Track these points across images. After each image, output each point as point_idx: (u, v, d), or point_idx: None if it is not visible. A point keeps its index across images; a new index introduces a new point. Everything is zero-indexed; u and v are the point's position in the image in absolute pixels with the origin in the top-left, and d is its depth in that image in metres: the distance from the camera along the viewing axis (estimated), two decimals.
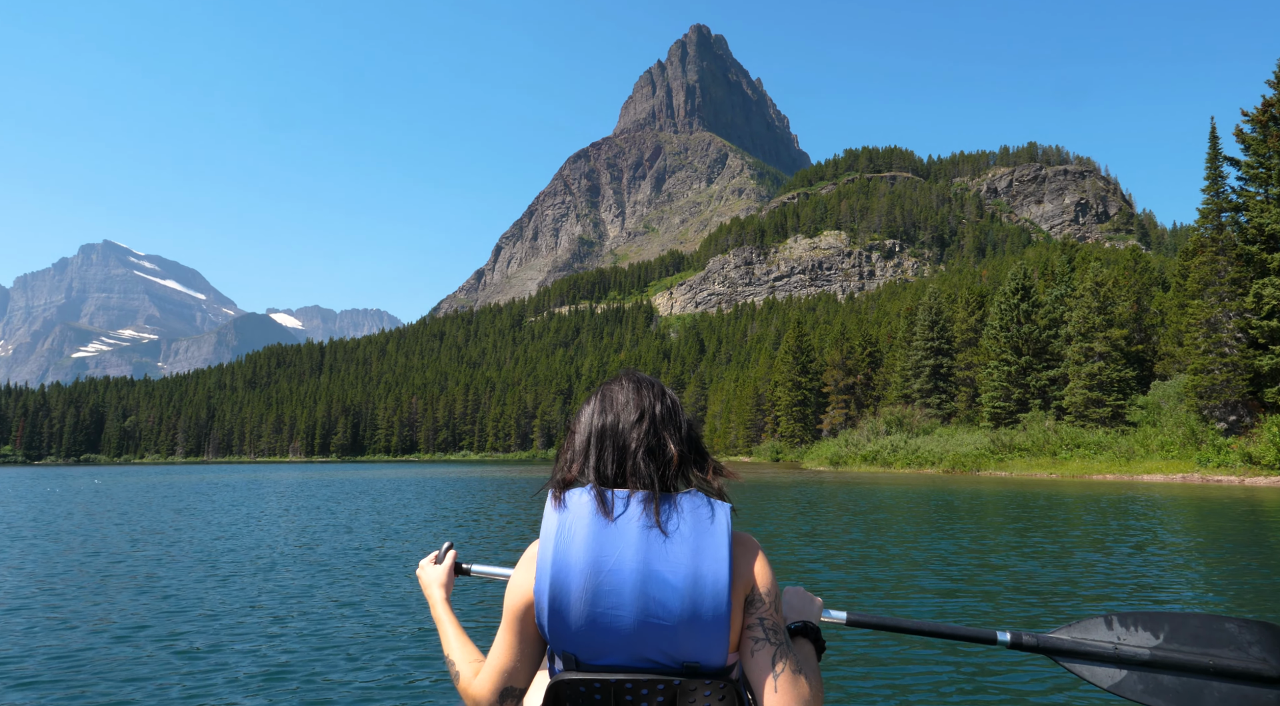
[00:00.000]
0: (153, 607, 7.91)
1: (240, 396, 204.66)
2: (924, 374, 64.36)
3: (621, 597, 1.54)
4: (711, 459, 1.76)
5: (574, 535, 1.58)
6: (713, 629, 1.54)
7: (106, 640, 6.59)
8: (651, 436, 1.69)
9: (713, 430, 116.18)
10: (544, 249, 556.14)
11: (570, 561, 1.55)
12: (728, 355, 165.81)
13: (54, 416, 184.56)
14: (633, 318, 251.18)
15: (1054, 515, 17.61)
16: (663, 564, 1.54)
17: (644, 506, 1.61)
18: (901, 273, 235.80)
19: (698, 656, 1.56)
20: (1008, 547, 11.93)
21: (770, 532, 14.59)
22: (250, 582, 9.38)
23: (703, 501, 1.64)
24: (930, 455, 49.38)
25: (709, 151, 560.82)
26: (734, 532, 1.62)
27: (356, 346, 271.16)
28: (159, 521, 18.23)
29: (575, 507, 1.62)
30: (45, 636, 6.75)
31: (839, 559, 10.87)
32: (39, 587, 9.21)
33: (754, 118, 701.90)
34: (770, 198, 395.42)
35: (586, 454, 1.72)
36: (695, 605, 1.53)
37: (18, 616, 7.58)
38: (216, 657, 6.02)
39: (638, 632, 1.55)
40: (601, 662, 1.58)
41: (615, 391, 1.79)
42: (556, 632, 1.58)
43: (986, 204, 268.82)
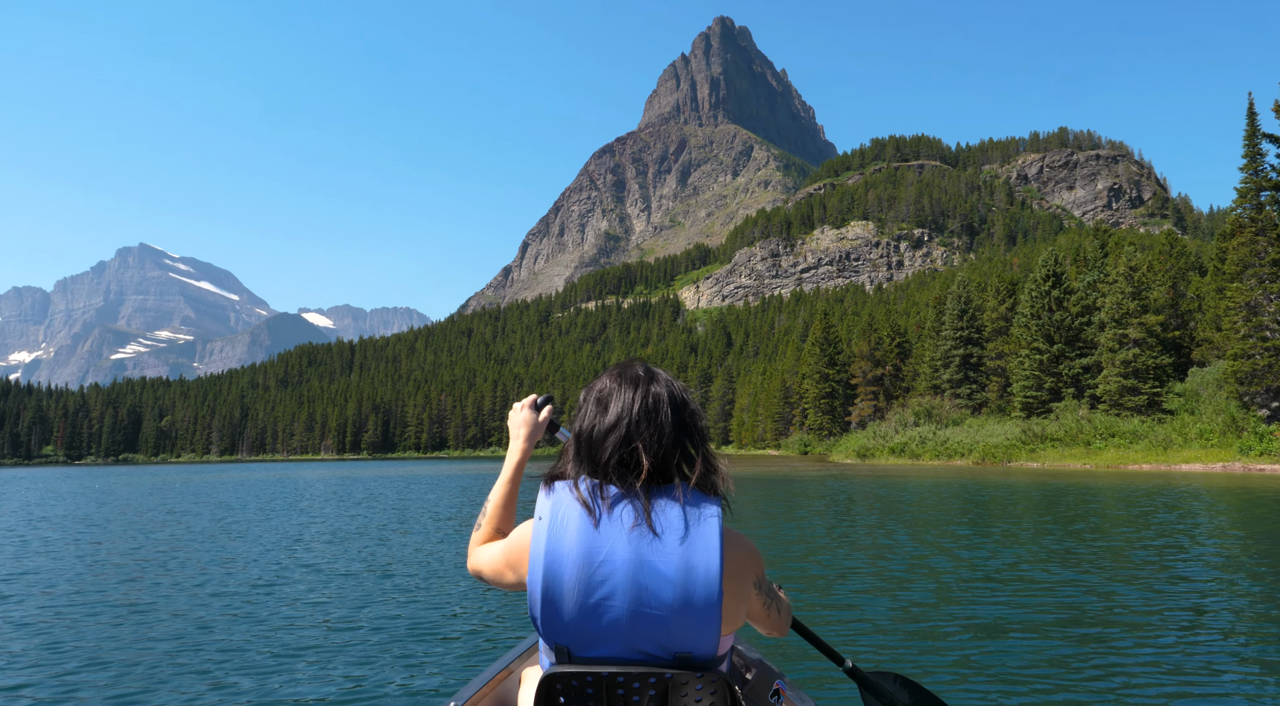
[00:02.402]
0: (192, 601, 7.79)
1: (273, 395, 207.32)
2: (953, 364, 63.33)
3: (614, 588, 1.55)
4: (706, 452, 1.75)
5: (566, 527, 1.59)
6: (705, 617, 1.55)
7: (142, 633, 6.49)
8: (625, 447, 1.68)
9: (740, 423, 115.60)
10: (570, 245, 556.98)
11: (563, 553, 1.57)
12: (755, 348, 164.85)
13: (93, 417, 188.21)
14: (659, 312, 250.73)
15: (1090, 508, 16.96)
16: (655, 554, 1.56)
17: (637, 499, 1.62)
18: (930, 262, 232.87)
19: (690, 646, 1.58)
20: (1043, 548, 10.92)
21: (785, 532, 14.22)
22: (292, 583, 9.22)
23: (695, 494, 1.65)
24: (960, 446, 48.55)
25: (734, 144, 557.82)
26: (725, 529, 1.64)
27: (386, 344, 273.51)
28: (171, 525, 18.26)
29: (568, 500, 1.63)
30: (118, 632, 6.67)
31: (855, 555, 10.37)
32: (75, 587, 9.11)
33: (779, 109, 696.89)
34: (796, 189, 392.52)
35: (590, 445, 1.72)
36: (687, 594, 1.54)
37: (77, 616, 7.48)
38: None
39: (631, 622, 1.56)
40: (594, 655, 1.60)
41: (615, 384, 1.78)
42: (549, 624, 1.59)
43: (1017, 191, 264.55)
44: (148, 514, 20.11)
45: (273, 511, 19.88)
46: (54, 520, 18.86)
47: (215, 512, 19.91)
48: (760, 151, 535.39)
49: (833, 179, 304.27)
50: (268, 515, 18.79)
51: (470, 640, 6.28)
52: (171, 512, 20.24)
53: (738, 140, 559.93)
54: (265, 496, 26.71)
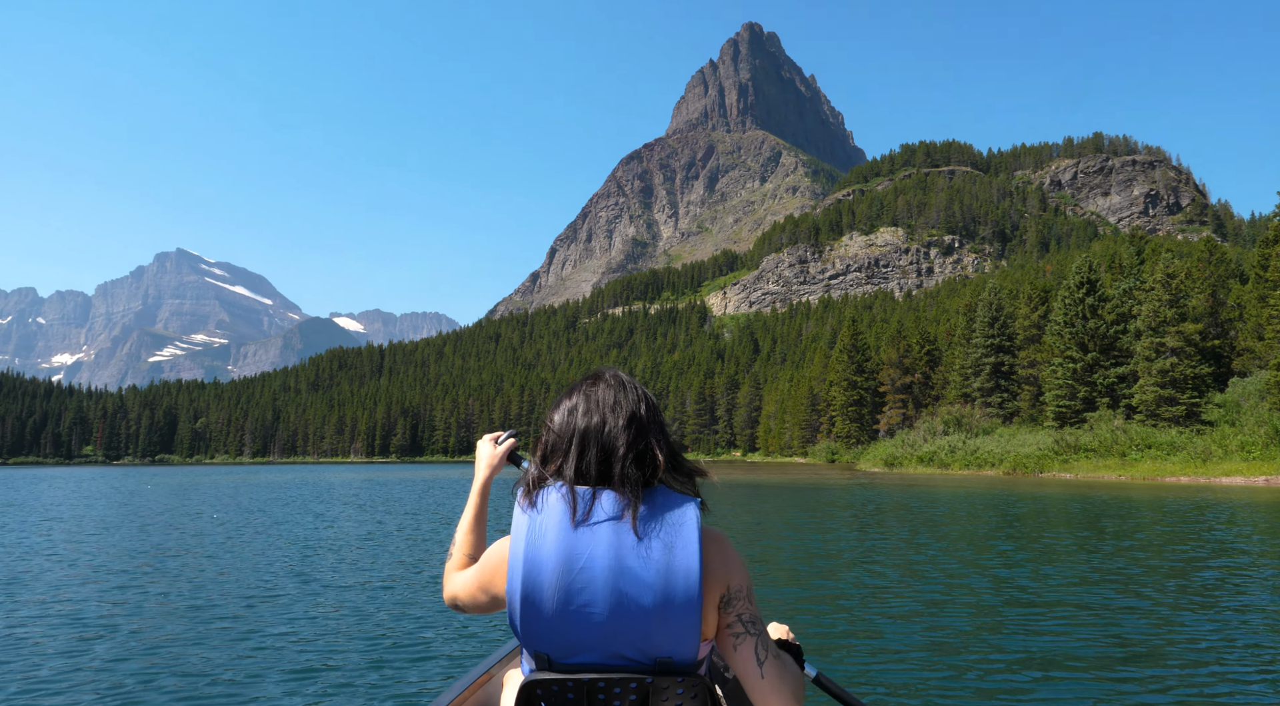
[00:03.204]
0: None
1: (304, 398, 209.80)
2: (984, 372, 62.49)
3: (594, 593, 1.54)
4: (682, 456, 1.76)
5: (545, 534, 1.58)
6: (685, 621, 1.55)
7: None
8: (640, 442, 1.69)
9: (767, 430, 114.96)
10: (598, 250, 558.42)
11: (542, 560, 1.56)
12: (782, 355, 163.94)
13: (131, 418, 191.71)
14: (686, 318, 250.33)
15: (1135, 521, 16.48)
16: (634, 559, 1.55)
17: (615, 503, 1.61)
18: (961, 269, 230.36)
19: (670, 650, 1.57)
20: (1090, 566, 10.13)
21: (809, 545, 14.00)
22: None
23: (672, 497, 1.65)
24: (990, 456, 47.84)
25: (762, 150, 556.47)
26: (704, 529, 1.63)
27: (415, 349, 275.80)
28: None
29: (546, 507, 1.62)
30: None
31: (885, 574, 10.03)
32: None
33: (808, 115, 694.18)
34: (825, 195, 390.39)
35: (566, 453, 1.71)
36: (667, 598, 1.54)
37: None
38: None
39: (611, 628, 1.55)
40: (574, 661, 1.59)
41: (599, 391, 1.77)
42: (529, 631, 1.58)
43: (1050, 197, 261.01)
44: (163, 516, 20.40)
45: (286, 515, 20.05)
46: (67, 520, 19.15)
47: (233, 515, 20.10)
48: (788, 157, 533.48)
49: (862, 185, 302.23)
50: (280, 519, 18.93)
51: (452, 643, 6.25)
52: (188, 515, 20.47)
53: (766, 146, 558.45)
54: (285, 500, 26.96)
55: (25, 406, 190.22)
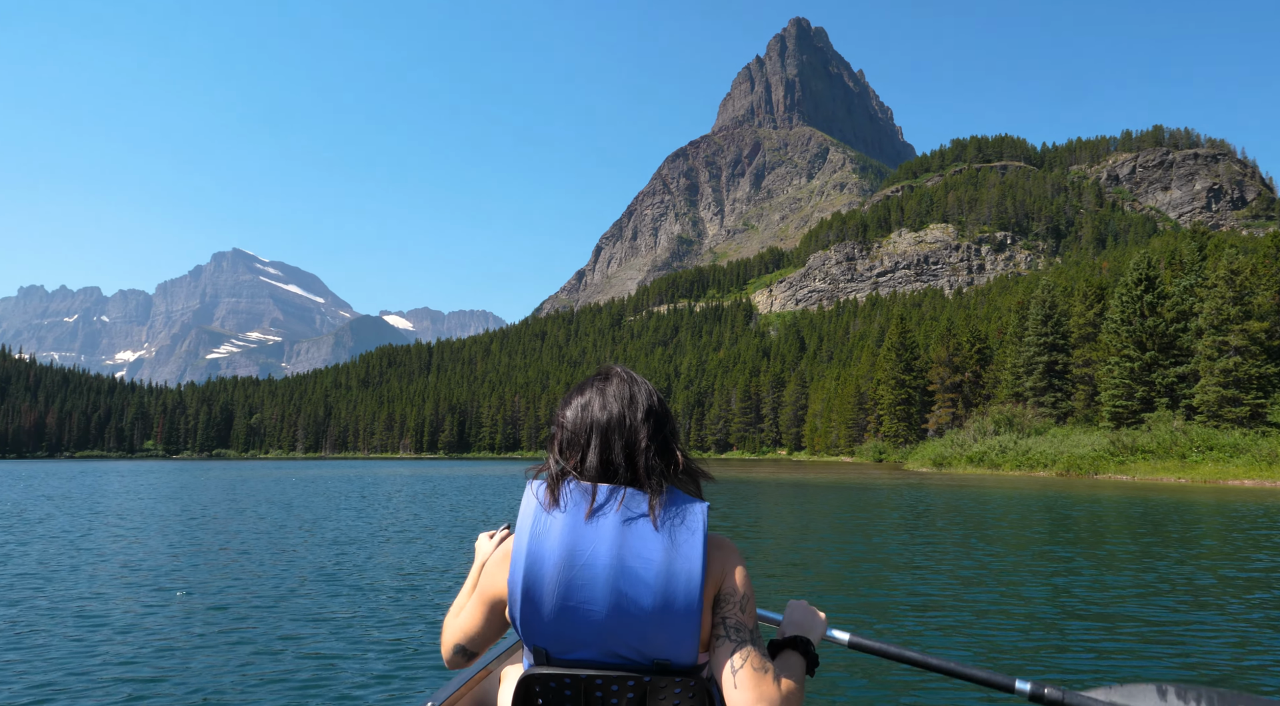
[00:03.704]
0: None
1: (355, 395, 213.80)
2: (1037, 371, 61.13)
3: (594, 591, 1.54)
4: (689, 457, 1.75)
5: (550, 529, 1.58)
6: (683, 625, 1.54)
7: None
8: (659, 432, 1.70)
9: (813, 429, 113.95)
10: (643, 248, 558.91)
11: (544, 554, 1.56)
12: (829, 353, 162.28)
13: (189, 414, 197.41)
14: (732, 315, 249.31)
15: (1203, 527, 15.85)
16: (636, 559, 1.55)
17: (622, 502, 1.61)
18: (1013, 266, 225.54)
19: (668, 653, 1.56)
20: (1160, 574, 9.37)
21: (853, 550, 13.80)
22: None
23: (680, 499, 1.64)
24: (1043, 457, 46.76)
25: (809, 146, 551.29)
26: (710, 534, 1.62)
27: (462, 346, 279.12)
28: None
29: (553, 501, 1.62)
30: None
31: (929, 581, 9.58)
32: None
33: (856, 110, 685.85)
34: (873, 192, 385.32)
35: (582, 448, 1.71)
36: (667, 601, 1.53)
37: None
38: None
39: (609, 627, 1.55)
40: (572, 657, 1.59)
41: (613, 386, 1.77)
42: (528, 625, 1.58)
43: (1107, 192, 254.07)
44: (206, 510, 20.83)
45: (326, 510, 20.38)
46: (112, 513, 19.74)
47: (273, 512, 20.48)
48: (836, 153, 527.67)
49: (911, 181, 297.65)
50: (319, 515, 19.25)
51: None
52: (232, 510, 20.80)
53: (813, 142, 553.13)
54: (330, 494, 27.36)
55: (90, 402, 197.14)
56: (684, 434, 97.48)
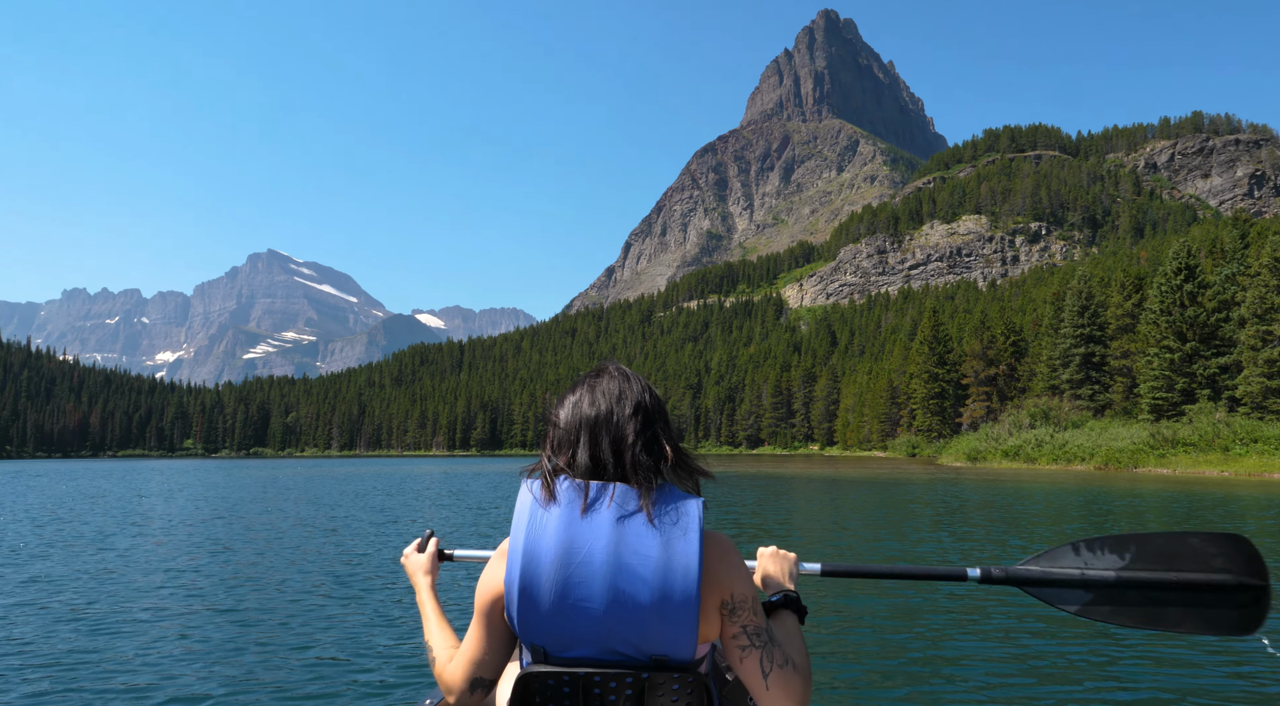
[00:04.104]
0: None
1: (388, 393, 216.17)
2: (1074, 363, 60.15)
3: (591, 588, 1.54)
4: (686, 453, 1.75)
5: (546, 526, 1.58)
6: (681, 622, 1.54)
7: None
8: (647, 427, 1.69)
9: (845, 424, 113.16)
10: (672, 244, 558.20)
11: (541, 552, 1.55)
12: (861, 347, 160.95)
13: (227, 413, 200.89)
14: (762, 310, 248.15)
15: (1260, 524, 15.34)
16: (633, 556, 1.54)
17: (617, 498, 1.61)
18: (1048, 257, 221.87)
19: (666, 649, 1.56)
20: None
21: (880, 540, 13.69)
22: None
23: (675, 495, 1.64)
24: (1080, 450, 46.03)
25: (839, 139, 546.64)
26: (707, 531, 1.62)
27: (493, 344, 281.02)
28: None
29: (548, 498, 1.62)
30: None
31: None
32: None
33: (886, 102, 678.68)
34: (904, 184, 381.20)
35: (572, 445, 1.71)
36: (665, 596, 1.53)
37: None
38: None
39: (606, 624, 1.55)
40: (570, 655, 1.59)
41: (604, 383, 1.77)
42: (525, 623, 1.57)
43: (1144, 180, 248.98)
44: (234, 509, 21.14)
45: (350, 509, 20.62)
46: (135, 515, 20.14)
47: (300, 510, 20.75)
48: (866, 146, 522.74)
49: (943, 172, 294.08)
50: (341, 514, 19.47)
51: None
52: (259, 509, 20.99)
53: (843, 135, 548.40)
54: (357, 494, 27.67)
55: (131, 402, 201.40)
56: (715, 430, 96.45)
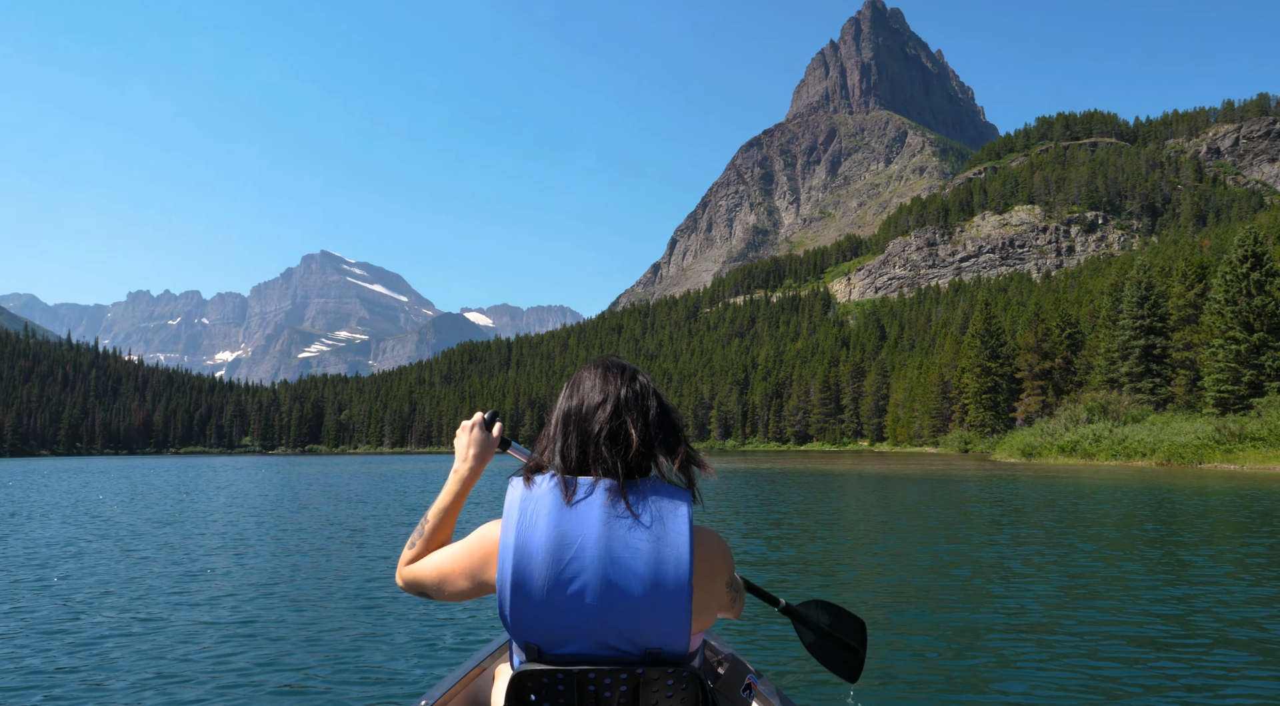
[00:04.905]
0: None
1: (438, 391, 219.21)
2: (1133, 356, 58.47)
3: (584, 582, 1.54)
4: (684, 447, 1.74)
5: (536, 521, 1.58)
6: (674, 614, 1.55)
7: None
8: (614, 421, 1.68)
9: (895, 419, 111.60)
10: (718, 240, 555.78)
11: (532, 548, 1.55)
12: (910, 341, 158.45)
13: (283, 411, 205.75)
14: (809, 305, 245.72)
15: None
16: (624, 549, 1.55)
17: (607, 493, 1.61)
18: (1105, 246, 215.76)
19: (660, 642, 1.57)
20: None
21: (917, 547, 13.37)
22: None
23: (665, 490, 1.64)
24: (1141, 445, 44.72)
25: (886, 130, 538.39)
26: (696, 526, 1.63)
27: (541, 342, 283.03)
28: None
29: (539, 493, 1.62)
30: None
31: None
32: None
33: (935, 92, 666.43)
34: (954, 174, 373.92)
35: (554, 439, 1.73)
36: (657, 588, 1.53)
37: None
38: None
39: (600, 618, 1.55)
40: (564, 652, 1.59)
41: (583, 376, 1.78)
42: (519, 620, 1.57)
43: (1207, 166, 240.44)
44: (265, 507, 21.60)
45: (386, 504, 20.89)
46: (179, 515, 20.67)
47: (334, 509, 21.07)
48: (915, 137, 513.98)
49: (994, 162, 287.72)
50: (373, 510, 19.75)
51: (445, 634, 6.21)
52: (295, 508, 21.54)
53: (890, 126, 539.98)
54: (399, 490, 28.07)
55: (192, 400, 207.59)
56: (762, 426, 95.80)
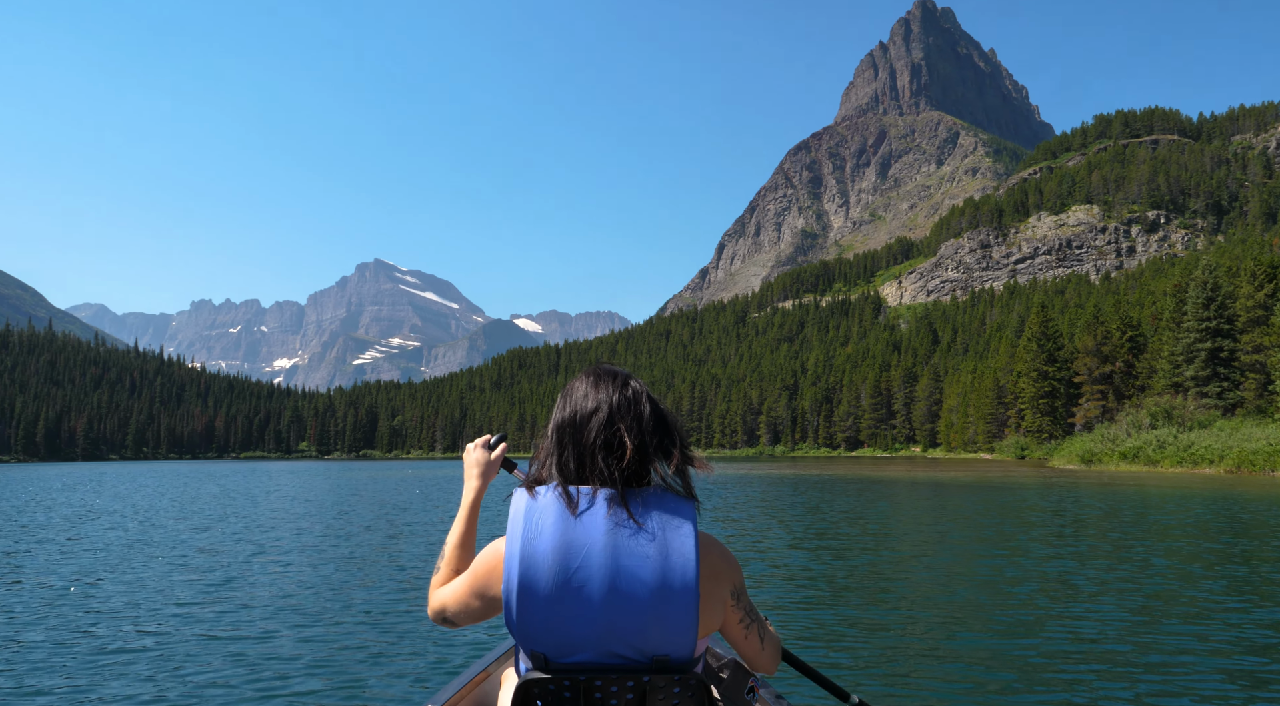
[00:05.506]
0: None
1: (488, 396, 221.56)
2: (1198, 359, 56.50)
3: (590, 593, 1.54)
4: (681, 451, 1.73)
5: (542, 531, 1.58)
6: (681, 620, 1.55)
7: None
8: (609, 429, 1.68)
9: (948, 425, 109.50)
10: (766, 244, 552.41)
11: (538, 558, 1.56)
12: (964, 345, 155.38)
13: (338, 416, 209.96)
14: (859, 309, 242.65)
15: None
16: (630, 557, 1.55)
17: (609, 502, 1.61)
18: (1168, 247, 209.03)
19: (667, 649, 1.57)
20: None
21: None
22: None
23: (668, 497, 1.65)
24: (1208, 452, 43.14)
25: (938, 131, 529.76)
26: (700, 533, 1.62)
27: (589, 348, 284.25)
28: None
29: (542, 505, 1.62)
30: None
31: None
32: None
33: (987, 91, 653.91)
34: (1008, 175, 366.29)
35: (551, 452, 1.73)
36: (664, 597, 1.54)
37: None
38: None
39: (607, 627, 1.55)
40: (571, 661, 1.59)
41: (575, 385, 1.79)
42: (525, 629, 1.57)
43: (1276, 162, 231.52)
44: (306, 511, 21.91)
45: (426, 511, 21.06)
46: (220, 519, 21.07)
47: (374, 512, 21.33)
48: (967, 137, 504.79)
49: (1050, 161, 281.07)
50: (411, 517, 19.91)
51: (450, 645, 6.18)
52: (336, 513, 21.82)
53: (942, 127, 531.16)
54: (442, 497, 28.26)
55: (252, 406, 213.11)
56: (812, 431, 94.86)
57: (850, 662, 5.69)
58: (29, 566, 10.63)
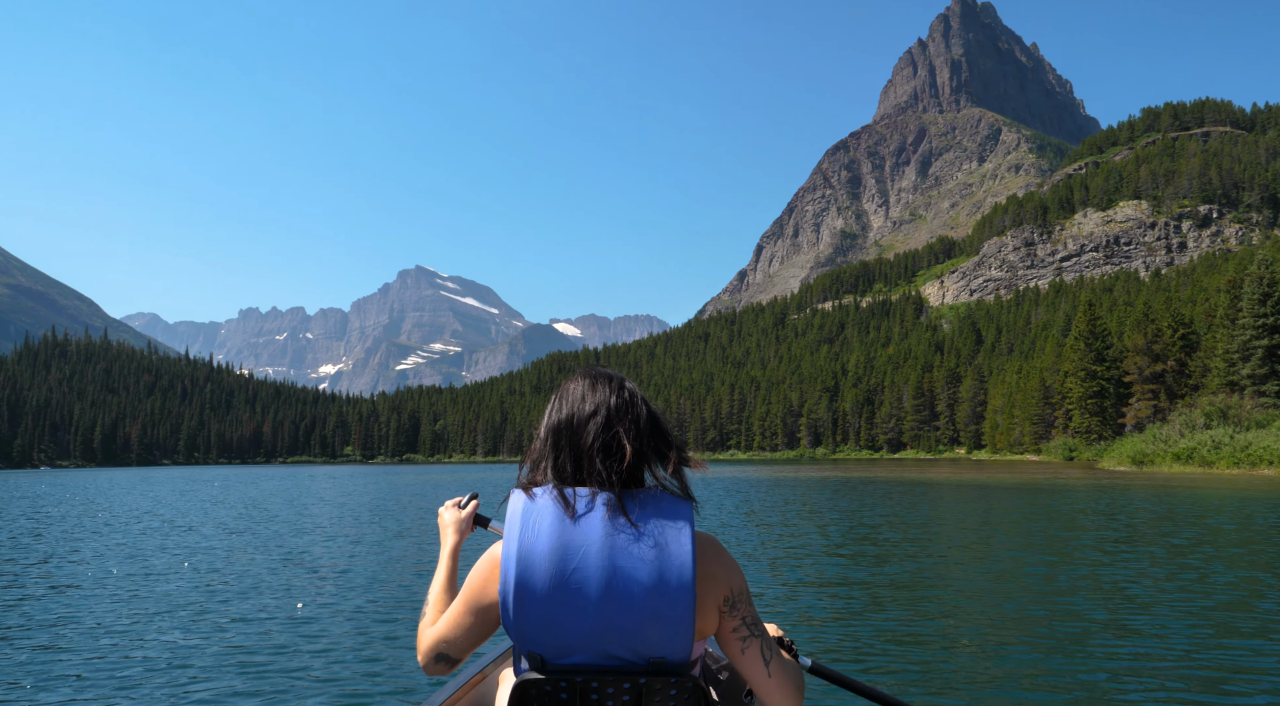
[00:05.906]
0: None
1: (528, 401, 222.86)
2: (1255, 356, 54.73)
3: (587, 595, 1.54)
4: (677, 452, 1.73)
5: (538, 535, 1.57)
6: (678, 622, 1.55)
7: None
8: (607, 432, 1.68)
9: (993, 426, 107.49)
10: (805, 245, 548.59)
11: (535, 560, 1.55)
12: (1009, 345, 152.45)
13: (381, 421, 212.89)
14: (900, 309, 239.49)
15: None
16: (627, 559, 1.55)
17: (606, 504, 1.61)
18: (1221, 242, 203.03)
19: (664, 651, 1.57)
20: None
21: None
22: None
23: (665, 498, 1.65)
24: (1267, 452, 41.68)
25: (979, 128, 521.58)
26: (698, 533, 1.63)
27: (628, 351, 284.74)
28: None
29: (538, 508, 1.61)
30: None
31: None
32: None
33: (1030, 86, 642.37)
34: (1053, 171, 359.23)
35: (545, 454, 1.74)
36: (660, 598, 1.53)
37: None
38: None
39: (604, 629, 1.55)
40: (567, 662, 1.59)
41: (570, 387, 1.78)
42: (522, 632, 1.57)
43: None
44: (340, 516, 22.06)
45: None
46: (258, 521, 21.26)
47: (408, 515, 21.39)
48: (1009, 134, 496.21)
49: (1096, 157, 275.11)
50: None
51: None
52: (371, 517, 21.88)
53: (983, 124, 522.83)
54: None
55: (298, 412, 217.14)
56: (854, 433, 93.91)
57: (888, 681, 5.46)
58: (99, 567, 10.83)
